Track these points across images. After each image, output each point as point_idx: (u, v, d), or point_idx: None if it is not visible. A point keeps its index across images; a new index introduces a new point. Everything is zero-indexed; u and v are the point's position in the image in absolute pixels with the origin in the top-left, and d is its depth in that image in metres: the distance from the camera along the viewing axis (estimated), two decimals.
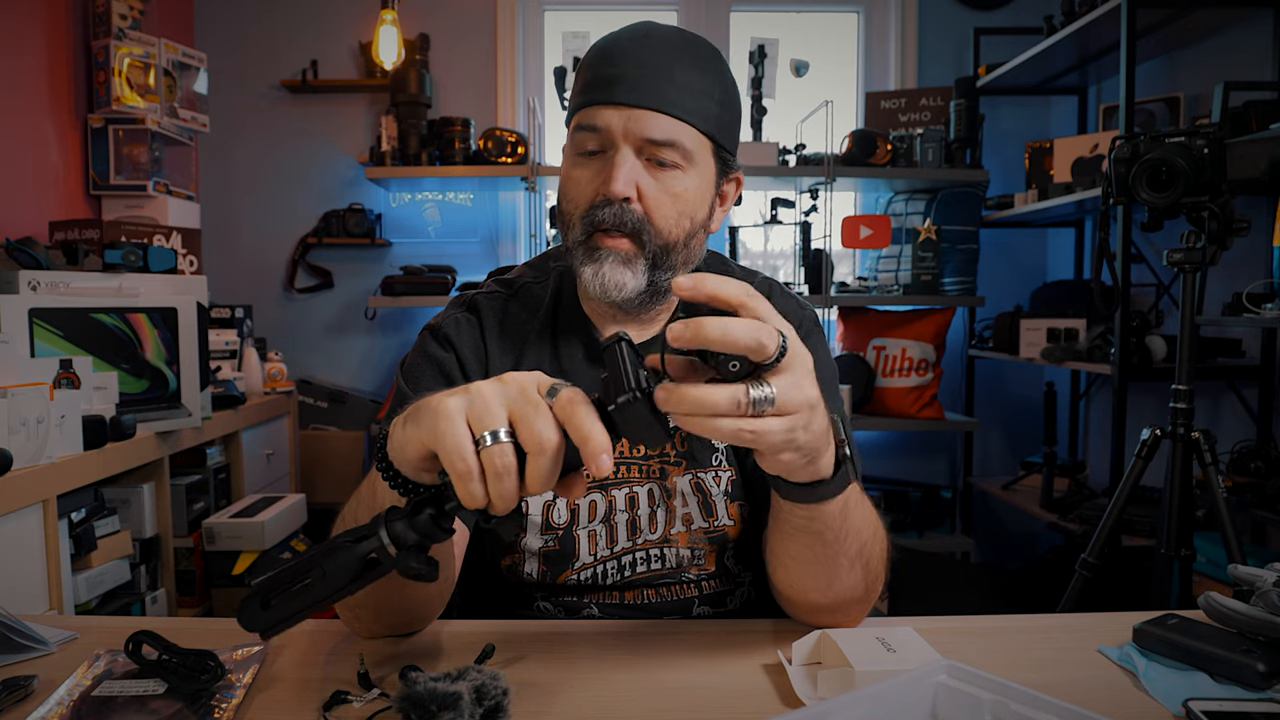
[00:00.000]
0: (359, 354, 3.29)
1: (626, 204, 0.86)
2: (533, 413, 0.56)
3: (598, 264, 0.87)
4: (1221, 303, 2.18)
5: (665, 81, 0.85)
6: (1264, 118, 2.00)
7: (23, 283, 1.79)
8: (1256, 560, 1.04)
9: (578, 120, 0.88)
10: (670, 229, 0.88)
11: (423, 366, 0.94)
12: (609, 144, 0.86)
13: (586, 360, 0.95)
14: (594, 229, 0.87)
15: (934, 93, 3.10)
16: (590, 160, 0.88)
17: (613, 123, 0.85)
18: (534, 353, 0.95)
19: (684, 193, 0.88)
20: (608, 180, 0.85)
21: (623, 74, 0.85)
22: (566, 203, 0.91)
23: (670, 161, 0.86)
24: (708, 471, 0.94)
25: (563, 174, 0.92)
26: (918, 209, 3.09)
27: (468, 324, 0.96)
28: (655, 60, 0.85)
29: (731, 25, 3.29)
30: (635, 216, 0.86)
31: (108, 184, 2.64)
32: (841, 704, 0.55)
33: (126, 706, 0.66)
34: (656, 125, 0.84)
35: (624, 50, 0.86)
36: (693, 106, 0.86)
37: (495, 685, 0.61)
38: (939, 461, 3.37)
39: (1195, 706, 0.65)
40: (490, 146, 2.91)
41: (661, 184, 0.87)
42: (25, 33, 2.40)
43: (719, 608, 0.94)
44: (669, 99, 0.85)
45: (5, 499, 1.44)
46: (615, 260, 0.87)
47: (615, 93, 0.84)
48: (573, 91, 0.92)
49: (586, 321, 0.97)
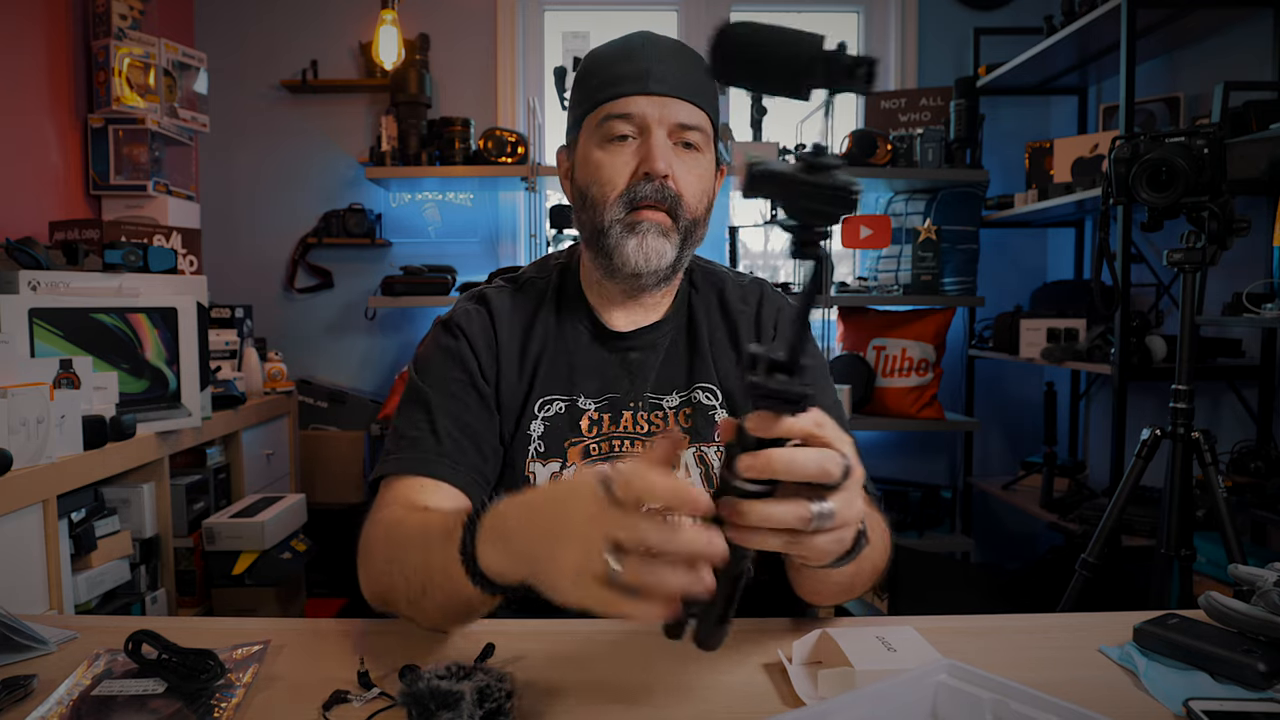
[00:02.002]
0: (359, 354, 3.29)
1: (665, 181, 0.94)
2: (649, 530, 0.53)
3: (640, 236, 0.95)
4: (1221, 303, 2.18)
5: (686, 76, 0.96)
6: (1264, 118, 2.00)
7: (23, 283, 1.79)
8: (1256, 560, 1.04)
9: (607, 110, 0.95)
10: (695, 205, 0.98)
11: (437, 357, 0.99)
12: (643, 129, 0.95)
13: (592, 342, 1.02)
14: (634, 205, 0.95)
15: (934, 93, 3.10)
16: (622, 146, 0.96)
17: (648, 110, 0.94)
18: (539, 335, 1.02)
19: (704, 173, 0.98)
20: (649, 159, 0.94)
21: (649, 69, 0.94)
22: (599, 186, 0.97)
23: (695, 144, 0.97)
24: (711, 445, 0.99)
25: (587, 164, 0.98)
26: (918, 209, 3.09)
27: (477, 314, 1.02)
28: (672, 59, 0.96)
29: None
30: (672, 193, 0.95)
31: (108, 184, 2.63)
32: (841, 704, 0.55)
33: (126, 706, 0.66)
34: (685, 112, 0.95)
35: (642, 50, 0.96)
36: (705, 99, 0.97)
37: (500, 687, 0.60)
38: (939, 461, 3.37)
39: (1196, 706, 0.65)
40: (490, 146, 2.91)
41: (686, 165, 0.96)
42: (25, 33, 2.40)
43: None
44: (692, 90, 0.96)
45: (5, 499, 1.43)
46: (656, 232, 0.95)
47: (648, 84, 0.94)
48: (583, 91, 0.99)
49: (590, 308, 1.04)
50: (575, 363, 1.01)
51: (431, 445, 0.92)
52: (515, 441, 0.98)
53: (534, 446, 0.97)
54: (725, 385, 1.02)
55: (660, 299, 1.05)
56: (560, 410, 0.99)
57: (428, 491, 0.89)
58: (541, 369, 1.00)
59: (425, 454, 0.91)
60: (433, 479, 0.90)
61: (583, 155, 0.99)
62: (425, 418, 0.94)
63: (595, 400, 1.00)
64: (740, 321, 1.05)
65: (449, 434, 0.93)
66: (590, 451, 0.98)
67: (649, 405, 1.01)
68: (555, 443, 0.97)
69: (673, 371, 1.03)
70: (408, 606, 0.78)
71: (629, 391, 1.00)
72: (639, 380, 1.01)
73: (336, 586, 2.72)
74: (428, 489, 0.89)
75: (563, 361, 1.01)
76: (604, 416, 0.99)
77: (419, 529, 0.77)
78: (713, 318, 1.05)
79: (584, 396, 1.00)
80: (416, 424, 0.94)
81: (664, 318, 1.04)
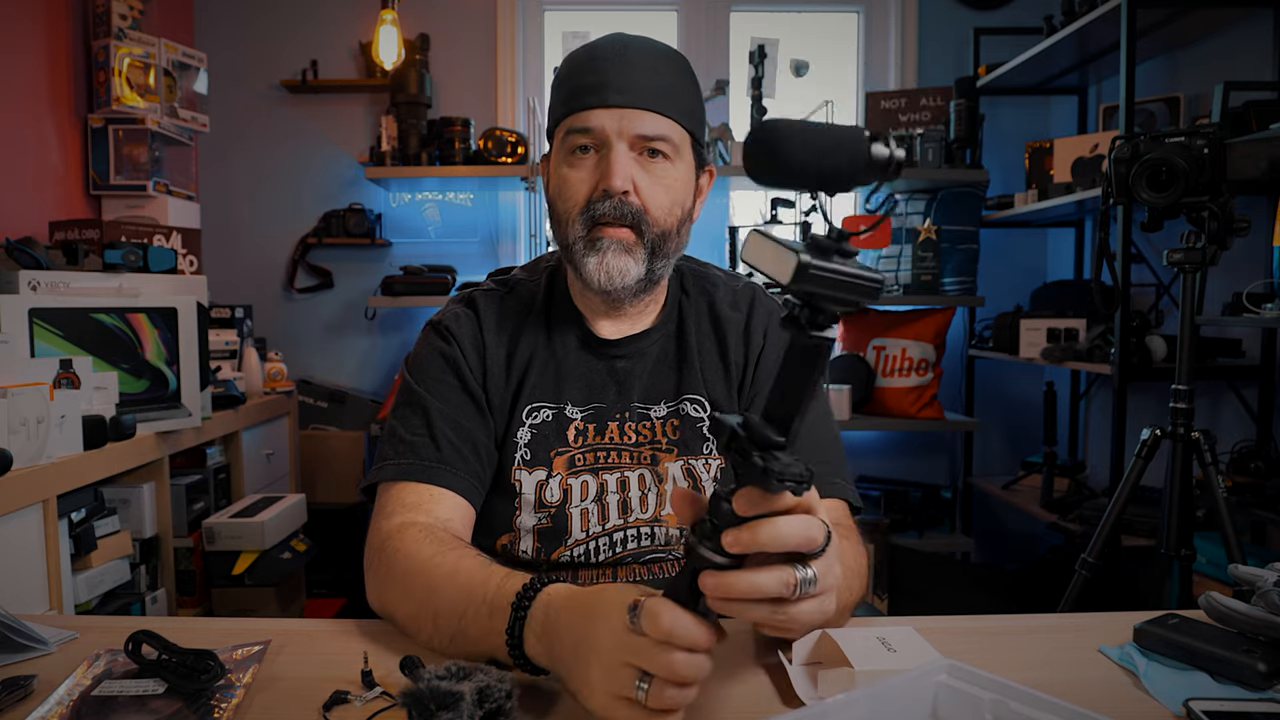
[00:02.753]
0: (359, 354, 3.29)
1: (625, 197, 0.91)
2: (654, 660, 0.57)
3: (600, 254, 0.93)
4: (1221, 303, 2.18)
5: (649, 84, 0.92)
6: (1264, 118, 2.00)
7: (23, 283, 1.78)
8: (1256, 560, 1.04)
9: (569, 124, 0.93)
10: (664, 217, 0.94)
11: (430, 359, 0.99)
12: (602, 143, 0.92)
13: (580, 350, 1.01)
14: (594, 222, 0.93)
15: (934, 93, 3.10)
16: (583, 159, 0.94)
17: (606, 123, 0.91)
18: (527, 341, 1.00)
19: (674, 183, 0.95)
20: (606, 175, 0.91)
21: (609, 79, 0.91)
22: (562, 202, 0.95)
23: (662, 153, 0.93)
24: (698, 458, 0.99)
25: (555, 177, 0.97)
26: (918, 209, 3.09)
27: (466, 318, 1.01)
28: (637, 65, 0.92)
29: (731, 25, 3.29)
30: (633, 208, 0.92)
31: (108, 184, 2.63)
32: (841, 704, 0.55)
33: (126, 706, 0.66)
34: (647, 123, 0.91)
35: (606, 58, 0.93)
36: (674, 105, 0.93)
37: (500, 687, 0.60)
38: (939, 461, 3.37)
39: (1196, 706, 0.65)
40: (490, 146, 2.91)
41: (654, 176, 0.93)
42: (25, 33, 2.40)
43: None
44: (655, 99, 0.92)
45: (5, 499, 1.43)
46: (617, 249, 0.93)
47: (606, 96, 0.91)
48: (554, 101, 0.98)
49: (579, 314, 1.02)
50: (563, 370, 1.00)
51: (431, 452, 0.92)
52: (502, 448, 0.97)
53: (520, 454, 0.96)
54: (713, 396, 1.01)
55: (644, 308, 1.03)
56: (548, 418, 0.98)
57: (434, 500, 0.89)
58: (530, 375, 0.99)
59: (426, 461, 0.91)
60: (434, 487, 0.90)
61: (553, 168, 0.97)
62: (423, 422, 0.94)
63: (582, 409, 0.99)
64: (729, 330, 1.03)
65: (447, 439, 0.93)
66: (576, 462, 0.97)
67: (636, 415, 0.99)
68: (542, 451, 0.97)
69: (661, 381, 1.01)
70: (428, 640, 0.78)
71: (615, 402, 0.99)
72: (626, 390, 1.00)
73: (336, 586, 2.72)
74: (434, 498, 0.90)
75: (551, 369, 1.00)
76: (589, 426, 0.98)
77: (449, 579, 0.76)
78: (702, 326, 1.04)
79: (571, 404, 0.99)
80: (414, 429, 0.94)
81: (653, 326, 1.03)
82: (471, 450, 0.94)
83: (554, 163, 0.97)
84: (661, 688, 0.56)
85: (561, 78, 0.97)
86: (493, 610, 0.70)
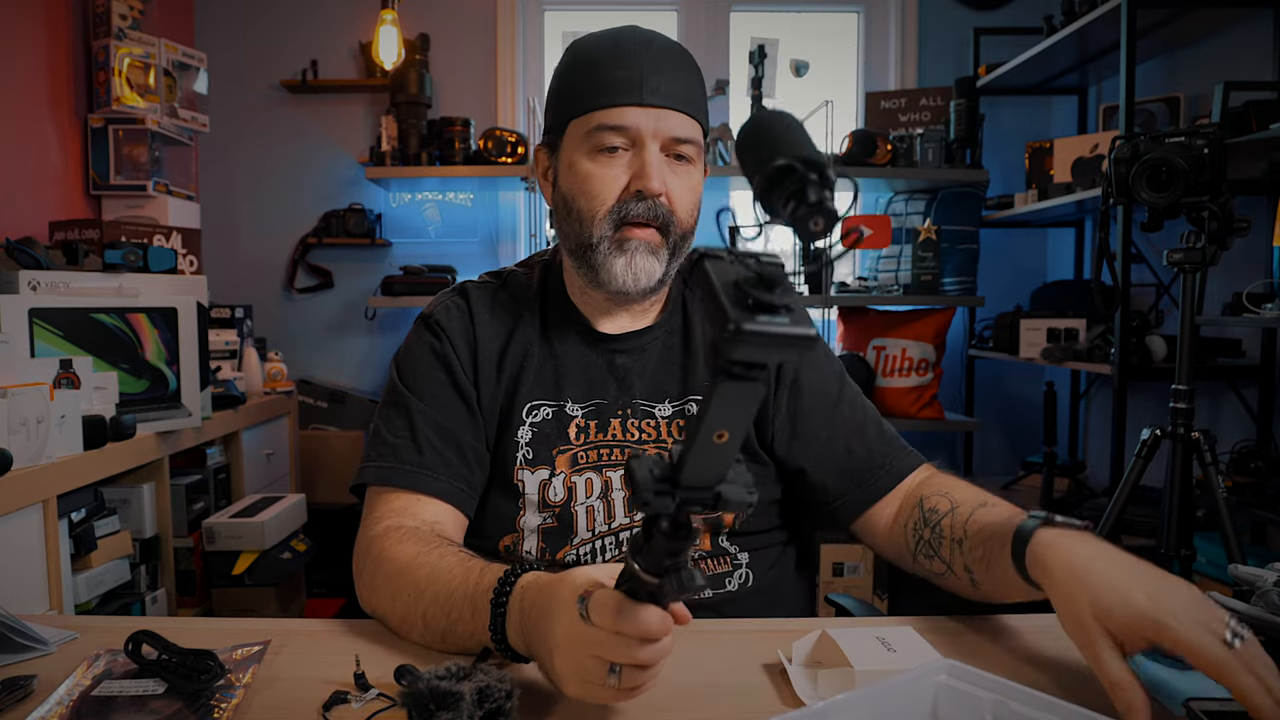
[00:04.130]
0: (359, 354, 3.29)
1: (658, 198, 0.91)
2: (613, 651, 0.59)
3: (628, 255, 0.92)
4: (1221, 303, 2.18)
5: (679, 84, 0.91)
6: (1264, 118, 2.00)
7: (23, 283, 1.78)
8: (1256, 560, 1.04)
9: (599, 119, 0.90)
10: (688, 219, 0.95)
11: (418, 355, 0.99)
12: (636, 143, 0.91)
13: (578, 345, 1.00)
14: (624, 222, 0.92)
15: (934, 93, 3.10)
16: (612, 158, 0.91)
17: (642, 123, 0.89)
18: (522, 334, 1.00)
19: (697, 185, 0.95)
20: (642, 177, 0.90)
21: (643, 77, 0.89)
22: (586, 200, 0.93)
23: (687, 156, 0.93)
24: None
25: (572, 172, 0.93)
26: (918, 209, 3.09)
27: (458, 310, 1.01)
28: (665, 64, 0.91)
29: (731, 25, 3.29)
30: (664, 210, 0.92)
31: (108, 184, 2.63)
32: (841, 704, 0.55)
33: (126, 706, 0.66)
34: (680, 124, 0.91)
35: (634, 52, 0.90)
36: (698, 107, 0.94)
37: (500, 688, 0.60)
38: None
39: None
40: (490, 146, 2.91)
41: (680, 178, 0.93)
42: (25, 33, 2.40)
43: (718, 589, 0.96)
44: (685, 100, 0.92)
45: (5, 499, 1.43)
46: (645, 251, 0.92)
47: (642, 95, 0.89)
48: (571, 90, 0.93)
49: (577, 311, 1.01)
50: (561, 367, 0.98)
51: (412, 455, 0.92)
52: (504, 448, 0.96)
53: (522, 454, 0.96)
54: None
55: (649, 306, 1.02)
56: (548, 416, 0.97)
57: (419, 506, 0.90)
58: (526, 372, 0.98)
59: (406, 465, 0.91)
60: (417, 493, 0.90)
61: (568, 161, 0.94)
62: (405, 423, 0.94)
63: (582, 406, 0.97)
64: None
65: (429, 442, 0.92)
66: (578, 460, 0.96)
67: (640, 413, 0.98)
68: (544, 450, 0.96)
69: (665, 379, 1.00)
70: (420, 640, 0.79)
71: (616, 398, 0.98)
72: (626, 386, 0.99)
73: (336, 586, 2.72)
74: (418, 501, 0.90)
75: (549, 366, 0.99)
76: (591, 423, 0.97)
77: (431, 581, 0.77)
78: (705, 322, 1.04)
79: (571, 402, 0.97)
80: (397, 430, 0.94)
81: (655, 322, 1.02)
82: (455, 453, 0.93)
83: (569, 156, 0.94)
84: (631, 674, 0.58)
85: (580, 66, 0.93)
86: (475, 608, 0.72)
